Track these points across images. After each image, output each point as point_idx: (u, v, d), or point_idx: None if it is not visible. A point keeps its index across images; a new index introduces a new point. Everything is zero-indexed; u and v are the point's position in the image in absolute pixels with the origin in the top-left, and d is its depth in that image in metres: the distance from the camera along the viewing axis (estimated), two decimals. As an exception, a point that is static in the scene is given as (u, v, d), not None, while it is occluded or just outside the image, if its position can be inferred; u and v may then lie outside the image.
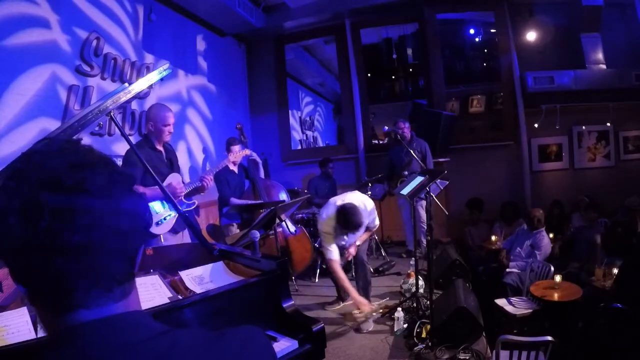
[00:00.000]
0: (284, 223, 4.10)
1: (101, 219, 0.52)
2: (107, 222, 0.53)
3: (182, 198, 2.85)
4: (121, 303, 0.56)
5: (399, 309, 3.39)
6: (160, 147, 2.94)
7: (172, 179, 2.86)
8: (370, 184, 5.13)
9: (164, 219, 2.80)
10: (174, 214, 2.83)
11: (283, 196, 4.42)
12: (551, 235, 4.52)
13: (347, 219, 3.19)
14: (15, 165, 0.53)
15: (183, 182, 2.93)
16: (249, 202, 4.24)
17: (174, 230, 2.92)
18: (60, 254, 0.50)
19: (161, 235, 2.80)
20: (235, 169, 4.29)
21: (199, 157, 5.24)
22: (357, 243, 3.63)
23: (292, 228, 4.35)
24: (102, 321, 0.53)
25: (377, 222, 3.67)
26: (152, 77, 2.21)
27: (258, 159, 4.50)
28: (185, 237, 3.05)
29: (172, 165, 3.02)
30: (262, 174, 4.57)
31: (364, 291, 3.64)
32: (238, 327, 0.63)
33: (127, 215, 0.55)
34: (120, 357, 0.51)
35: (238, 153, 3.50)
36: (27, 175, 0.51)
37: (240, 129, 4.66)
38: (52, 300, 0.53)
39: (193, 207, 2.99)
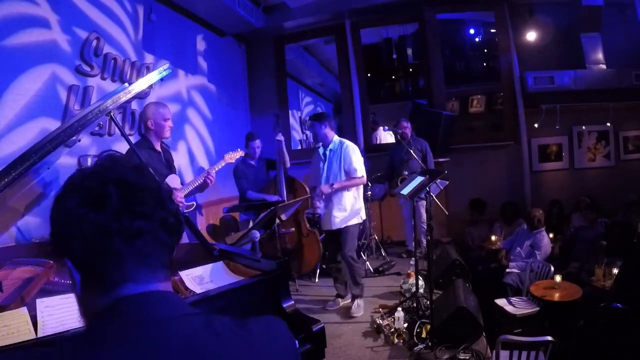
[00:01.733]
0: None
1: (154, 212, 0.65)
2: (158, 216, 0.65)
3: (182, 200, 2.85)
4: (164, 284, 0.67)
5: (399, 309, 3.39)
6: (158, 148, 2.94)
7: (171, 180, 2.86)
8: (370, 184, 5.13)
9: None
10: None
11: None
12: (551, 235, 4.52)
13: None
14: (78, 172, 0.67)
15: (182, 183, 2.93)
16: (267, 197, 4.22)
17: None
18: (121, 236, 0.61)
19: None
20: (254, 162, 4.29)
21: (199, 157, 5.23)
22: (335, 186, 3.54)
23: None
24: (147, 294, 0.64)
25: (360, 170, 3.56)
26: (152, 77, 2.21)
27: (284, 148, 4.39)
28: (184, 237, 3.06)
29: (171, 167, 3.02)
30: (288, 164, 4.43)
31: (352, 281, 3.64)
32: (260, 317, 0.71)
33: (171, 213, 0.67)
34: (161, 327, 0.59)
35: (232, 154, 3.46)
36: (95, 176, 0.65)
37: (277, 117, 4.64)
38: (107, 276, 0.63)
39: (191, 209, 3.00)
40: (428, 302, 3.20)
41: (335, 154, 3.62)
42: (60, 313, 1.42)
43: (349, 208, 3.62)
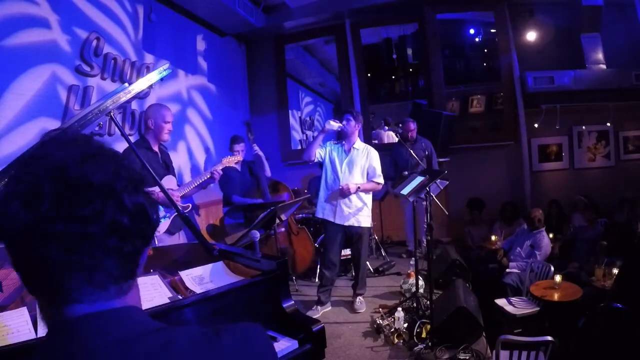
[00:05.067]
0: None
1: (101, 213, 0.52)
2: (106, 218, 0.52)
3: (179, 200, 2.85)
4: (117, 300, 0.55)
5: (399, 309, 3.39)
6: (156, 149, 2.94)
7: (167, 181, 2.86)
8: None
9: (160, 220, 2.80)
10: (168, 215, 2.85)
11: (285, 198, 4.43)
12: (551, 235, 4.52)
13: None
14: (29, 151, 0.55)
15: (180, 184, 2.94)
16: (251, 200, 4.24)
17: (169, 232, 2.93)
18: (56, 242, 0.50)
19: (155, 237, 2.80)
20: (238, 166, 4.30)
21: (199, 157, 5.23)
22: (355, 183, 3.58)
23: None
24: (96, 315, 0.53)
25: (379, 177, 3.66)
26: (152, 77, 2.21)
27: (261, 154, 4.46)
28: (181, 238, 3.06)
29: (168, 168, 3.02)
30: (267, 171, 4.54)
31: (360, 283, 3.77)
32: (236, 324, 0.61)
33: (130, 213, 0.54)
34: (113, 352, 0.50)
35: (230, 158, 3.47)
36: (37, 163, 0.52)
37: (248, 125, 4.65)
38: (48, 291, 0.53)
39: (187, 210, 3.00)
40: (428, 302, 3.20)
41: (360, 154, 3.65)
42: (60, 313, 1.41)
43: (367, 209, 3.69)
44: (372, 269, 4.64)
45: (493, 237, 4.98)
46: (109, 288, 0.55)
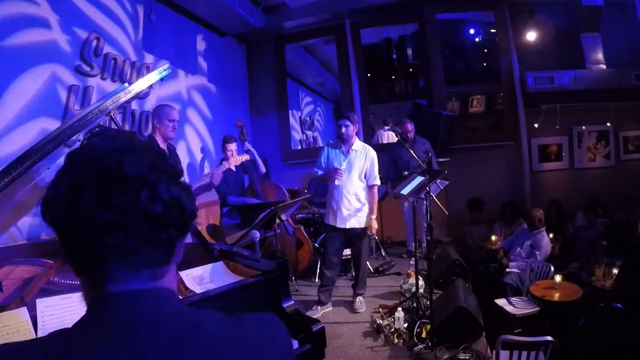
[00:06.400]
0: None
1: (135, 203, 0.56)
2: (141, 207, 0.56)
3: None
4: (150, 283, 0.60)
5: (399, 309, 3.39)
6: (164, 148, 2.96)
7: None
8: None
9: None
10: None
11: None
12: (551, 235, 4.52)
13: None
14: (77, 149, 0.60)
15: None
16: (247, 200, 4.24)
17: None
18: (94, 229, 0.55)
19: None
20: (233, 167, 4.31)
21: (199, 156, 5.24)
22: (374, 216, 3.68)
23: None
24: (130, 293, 0.58)
25: (376, 178, 3.70)
26: (152, 77, 2.21)
27: (256, 155, 4.50)
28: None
29: None
30: (262, 170, 4.58)
31: (360, 283, 3.79)
32: (256, 312, 0.68)
33: (165, 203, 0.58)
34: (144, 327, 0.55)
35: (237, 157, 3.51)
36: (80, 155, 0.59)
37: (241, 127, 4.66)
38: (91, 271, 0.59)
39: None
40: (428, 302, 3.20)
41: (358, 155, 3.66)
42: (60, 313, 1.42)
43: (367, 209, 3.69)
44: (372, 269, 4.64)
45: (493, 237, 4.98)
46: (143, 271, 0.59)
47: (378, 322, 3.32)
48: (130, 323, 0.55)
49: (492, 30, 6.84)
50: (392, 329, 3.18)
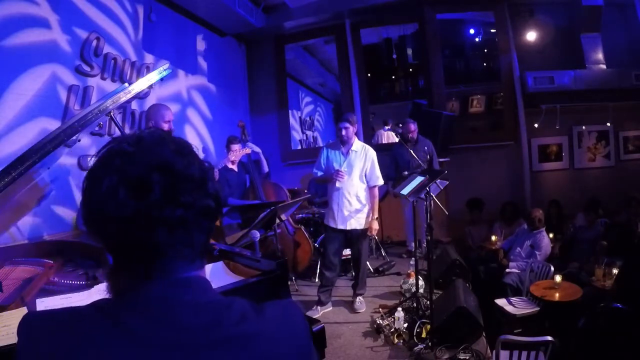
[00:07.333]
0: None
1: (198, 198, 0.63)
2: (201, 202, 0.63)
3: None
4: (198, 271, 0.67)
5: (399, 309, 3.39)
6: None
7: None
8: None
9: None
10: None
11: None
12: (551, 235, 4.52)
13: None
14: (119, 147, 0.63)
15: None
16: (247, 202, 4.24)
17: None
18: (161, 224, 0.59)
19: None
20: (234, 167, 4.30)
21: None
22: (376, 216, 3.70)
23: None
24: (179, 280, 0.63)
25: (378, 178, 3.69)
26: (152, 77, 2.21)
27: (259, 151, 4.48)
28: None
29: None
30: (265, 169, 4.57)
31: (360, 283, 3.79)
32: (278, 300, 0.78)
33: (213, 198, 0.66)
34: (189, 310, 0.61)
35: (238, 152, 3.49)
36: (138, 158, 0.61)
37: (242, 127, 4.66)
38: (142, 265, 0.62)
39: None
40: (428, 302, 3.20)
41: (358, 156, 3.66)
42: (60, 313, 1.41)
43: (367, 209, 3.69)
44: (372, 269, 4.64)
45: (493, 237, 4.98)
46: (195, 261, 0.66)
47: (378, 322, 3.32)
48: (183, 304, 0.61)
49: (492, 30, 6.84)
50: (392, 329, 3.18)
